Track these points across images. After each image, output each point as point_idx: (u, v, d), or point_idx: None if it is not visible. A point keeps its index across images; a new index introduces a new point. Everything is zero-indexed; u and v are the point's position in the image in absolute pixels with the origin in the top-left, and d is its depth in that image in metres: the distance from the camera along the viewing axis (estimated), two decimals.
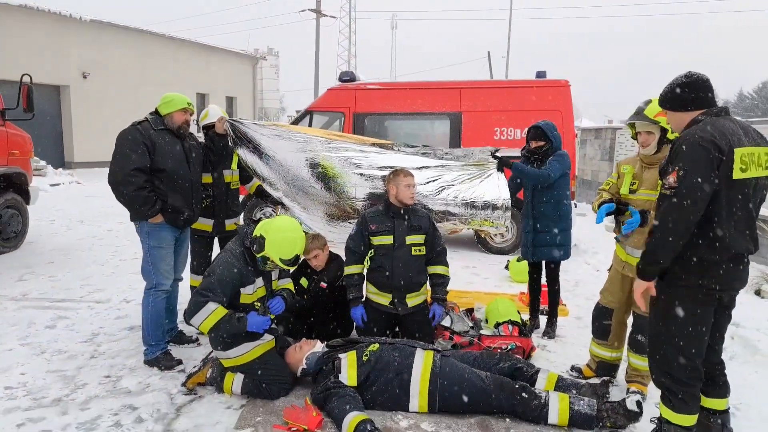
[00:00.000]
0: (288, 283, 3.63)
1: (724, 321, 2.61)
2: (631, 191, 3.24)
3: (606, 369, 3.58)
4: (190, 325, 3.81)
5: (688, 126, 2.45)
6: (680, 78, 2.50)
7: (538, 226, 4.29)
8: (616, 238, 3.41)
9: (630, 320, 3.47)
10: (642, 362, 3.23)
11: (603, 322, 3.50)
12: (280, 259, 3.22)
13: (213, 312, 3.09)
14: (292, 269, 3.58)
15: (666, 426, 2.58)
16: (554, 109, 7.24)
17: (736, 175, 2.31)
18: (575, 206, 7.44)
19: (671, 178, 2.33)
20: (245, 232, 3.36)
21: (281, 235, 3.20)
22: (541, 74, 7.67)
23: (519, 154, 4.45)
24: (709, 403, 2.70)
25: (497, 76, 23.04)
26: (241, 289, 3.26)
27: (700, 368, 2.53)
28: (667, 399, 2.57)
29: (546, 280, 4.50)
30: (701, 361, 2.53)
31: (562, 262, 4.49)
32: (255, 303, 3.31)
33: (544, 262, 4.48)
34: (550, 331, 4.40)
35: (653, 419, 2.80)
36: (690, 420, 2.52)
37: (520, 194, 4.58)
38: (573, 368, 3.72)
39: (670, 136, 2.94)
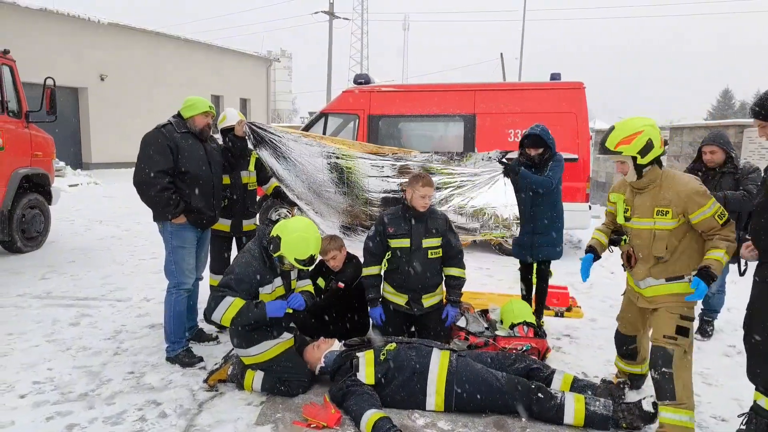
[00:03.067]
0: (308, 285, 3.69)
1: None
2: (626, 218, 3.11)
3: (638, 380, 3.51)
4: (211, 323, 3.91)
5: None
6: None
7: (538, 228, 4.33)
8: (622, 265, 3.27)
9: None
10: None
11: (629, 347, 3.40)
12: (295, 259, 3.27)
13: (231, 304, 3.17)
14: (309, 269, 3.64)
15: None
16: (569, 111, 7.24)
17: None
18: (590, 208, 7.45)
19: None
20: (263, 232, 3.43)
21: (296, 236, 3.26)
22: (555, 76, 7.67)
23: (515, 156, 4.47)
24: None
25: (510, 77, 23.02)
26: (260, 289, 3.33)
27: None
28: None
29: (536, 279, 4.55)
30: None
31: (577, 265, 4.51)
32: None
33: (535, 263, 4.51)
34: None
35: (741, 415, 2.81)
36: None
37: None
38: (603, 381, 3.42)
39: (641, 161, 2.87)
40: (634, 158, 2.89)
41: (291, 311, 3.35)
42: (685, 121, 10.69)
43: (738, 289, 5.74)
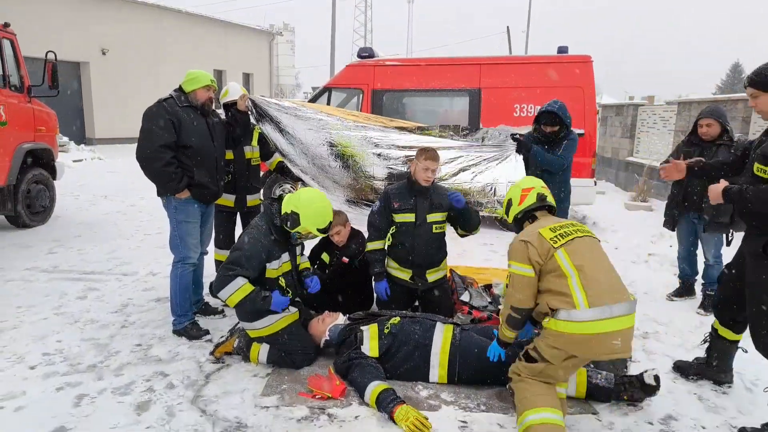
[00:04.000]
0: (305, 262, 3.78)
1: None
2: None
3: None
4: (217, 298, 3.94)
5: None
6: None
7: None
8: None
9: None
10: None
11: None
12: (318, 229, 3.35)
13: (241, 287, 3.20)
14: (323, 236, 3.68)
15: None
16: (576, 85, 7.15)
17: None
18: (595, 184, 7.41)
19: None
20: (272, 210, 3.44)
21: (314, 207, 3.32)
22: (563, 49, 7.55)
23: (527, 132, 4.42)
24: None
25: (517, 51, 22.66)
26: (267, 265, 3.35)
27: None
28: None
29: None
30: None
31: None
32: (279, 278, 3.40)
33: None
34: None
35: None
36: None
37: None
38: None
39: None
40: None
41: (294, 299, 3.44)
42: (694, 96, 10.52)
43: None
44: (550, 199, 3.02)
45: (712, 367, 3.26)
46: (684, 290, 4.84)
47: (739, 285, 2.90)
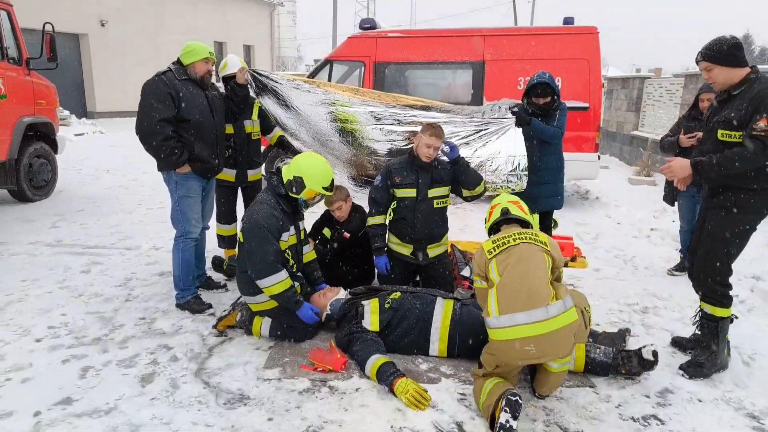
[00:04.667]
0: (311, 252, 3.83)
1: None
2: None
3: None
4: (219, 271, 3.98)
5: (744, 81, 2.86)
6: (731, 38, 2.91)
7: (543, 178, 4.27)
8: None
9: None
10: None
11: None
12: (323, 188, 3.41)
13: (283, 281, 3.26)
14: (331, 194, 3.73)
15: (721, 323, 3.08)
16: (581, 57, 7.02)
17: None
18: (598, 158, 7.35)
19: (762, 123, 2.73)
20: (274, 182, 3.44)
21: (315, 166, 3.41)
22: (568, 20, 7.39)
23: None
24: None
25: (522, 22, 22.24)
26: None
27: None
28: (717, 300, 3.06)
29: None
30: None
31: (584, 216, 4.51)
32: (287, 251, 3.43)
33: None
34: None
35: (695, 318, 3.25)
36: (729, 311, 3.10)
37: None
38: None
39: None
40: None
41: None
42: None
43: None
44: (515, 212, 3.03)
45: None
46: (685, 265, 4.84)
47: None
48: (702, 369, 3.08)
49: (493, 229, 3.08)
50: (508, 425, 2.40)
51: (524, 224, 3.04)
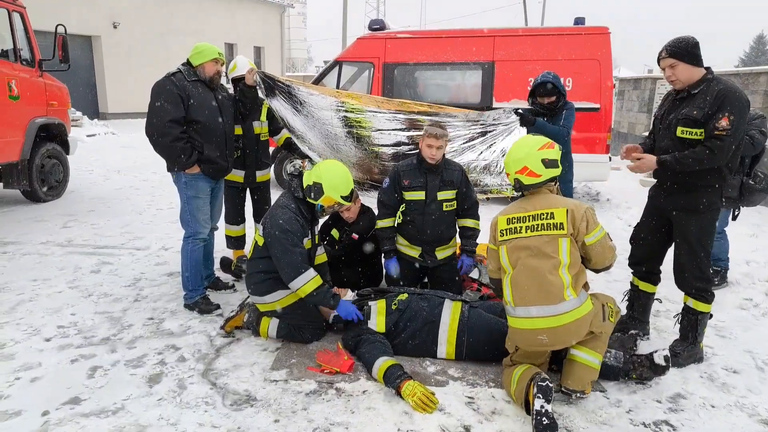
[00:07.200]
0: (322, 254, 3.79)
1: None
2: None
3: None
4: (227, 272, 3.98)
5: (703, 81, 2.96)
6: (691, 38, 2.99)
7: None
8: None
9: None
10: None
11: None
12: (341, 197, 3.39)
13: (313, 279, 3.23)
14: (350, 203, 3.71)
15: (701, 317, 3.18)
16: (592, 58, 6.97)
17: None
18: (609, 159, 7.28)
19: (724, 122, 2.82)
20: (294, 186, 3.44)
21: (335, 175, 3.37)
22: (579, 21, 7.33)
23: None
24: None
25: (533, 23, 22.12)
26: None
27: None
28: (703, 297, 3.15)
29: None
30: None
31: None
32: None
33: None
34: None
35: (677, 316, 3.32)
36: (710, 307, 3.20)
37: None
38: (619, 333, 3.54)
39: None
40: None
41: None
42: (716, 69, 10.22)
43: (758, 243, 5.65)
44: (527, 182, 2.89)
45: (634, 319, 3.56)
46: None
47: (653, 240, 3.39)
48: (678, 359, 3.15)
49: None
50: (543, 410, 2.47)
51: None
